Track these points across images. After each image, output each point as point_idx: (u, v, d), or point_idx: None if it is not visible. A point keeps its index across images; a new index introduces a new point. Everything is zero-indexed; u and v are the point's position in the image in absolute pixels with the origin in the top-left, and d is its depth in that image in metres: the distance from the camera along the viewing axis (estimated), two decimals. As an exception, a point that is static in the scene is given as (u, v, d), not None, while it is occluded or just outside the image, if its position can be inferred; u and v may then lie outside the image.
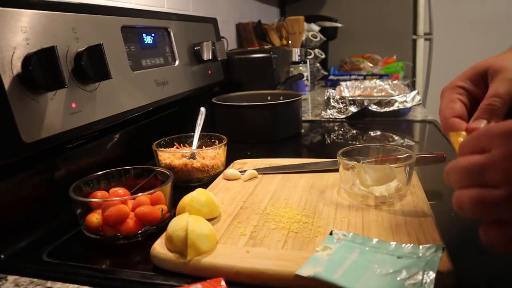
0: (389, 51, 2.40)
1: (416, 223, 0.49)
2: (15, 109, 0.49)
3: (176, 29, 0.93)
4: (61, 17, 0.60)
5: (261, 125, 1.00)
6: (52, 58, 0.52)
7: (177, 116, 0.98)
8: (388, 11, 2.59)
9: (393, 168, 0.56)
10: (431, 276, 0.37)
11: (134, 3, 0.99)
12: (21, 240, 0.53)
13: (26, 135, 0.51)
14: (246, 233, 0.49)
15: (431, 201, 0.56)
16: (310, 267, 0.40)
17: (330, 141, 1.05)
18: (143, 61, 0.80)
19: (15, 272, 0.47)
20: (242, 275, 0.42)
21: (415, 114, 1.25)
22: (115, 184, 0.61)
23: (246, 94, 1.14)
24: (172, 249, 0.45)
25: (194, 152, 0.74)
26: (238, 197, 0.61)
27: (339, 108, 1.23)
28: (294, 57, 1.66)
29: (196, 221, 0.46)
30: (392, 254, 0.42)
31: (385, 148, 0.65)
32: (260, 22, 1.77)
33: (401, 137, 1.03)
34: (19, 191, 0.54)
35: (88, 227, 0.52)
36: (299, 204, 0.57)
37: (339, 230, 0.47)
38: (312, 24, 2.12)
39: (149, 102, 0.78)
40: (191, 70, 0.98)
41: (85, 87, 0.62)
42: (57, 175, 0.60)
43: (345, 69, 2.21)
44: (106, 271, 0.47)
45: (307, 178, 0.67)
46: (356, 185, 0.58)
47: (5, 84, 0.49)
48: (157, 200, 0.55)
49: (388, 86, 1.43)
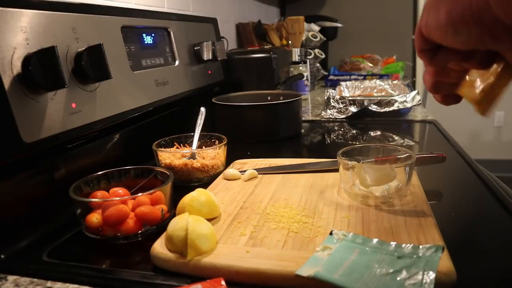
0: (389, 51, 2.40)
1: (416, 223, 0.49)
2: (15, 109, 0.49)
3: (176, 29, 0.93)
4: (61, 17, 0.60)
5: (261, 125, 1.00)
6: (52, 58, 0.52)
7: (177, 116, 0.98)
8: (388, 11, 2.60)
9: (393, 168, 0.56)
10: (431, 276, 0.37)
11: (134, 3, 0.99)
12: (21, 240, 0.53)
13: (26, 135, 0.50)
14: (246, 233, 0.49)
15: (431, 201, 0.56)
16: (310, 267, 0.40)
17: (330, 141, 1.05)
18: (143, 61, 0.80)
19: (15, 272, 0.47)
20: (242, 275, 0.42)
21: (415, 114, 1.25)
22: (115, 184, 0.61)
23: (246, 94, 1.14)
24: (172, 249, 0.45)
25: (194, 152, 0.74)
26: (238, 197, 0.61)
27: (339, 108, 1.23)
28: (294, 57, 1.66)
29: (196, 221, 0.46)
30: (392, 254, 0.42)
31: (385, 148, 0.65)
32: (260, 22, 1.77)
33: (401, 137, 1.03)
34: (19, 191, 0.54)
35: (88, 227, 0.52)
36: (299, 204, 0.57)
37: (339, 230, 0.47)
38: (312, 24, 2.12)
39: (149, 102, 0.78)
40: (191, 70, 0.98)
41: (85, 87, 0.62)
42: (57, 175, 0.60)
43: (345, 69, 2.21)
44: (106, 271, 0.47)
45: (307, 178, 0.67)
46: (356, 185, 0.58)
47: (5, 84, 0.49)
48: (157, 200, 0.55)
49: (388, 86, 1.43)
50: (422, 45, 0.37)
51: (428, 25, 0.35)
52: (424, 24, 0.35)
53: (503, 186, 0.73)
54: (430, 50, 0.37)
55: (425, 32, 0.36)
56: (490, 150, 3.47)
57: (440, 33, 0.34)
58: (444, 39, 0.34)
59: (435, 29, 0.34)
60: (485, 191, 0.64)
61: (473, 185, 0.67)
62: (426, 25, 0.35)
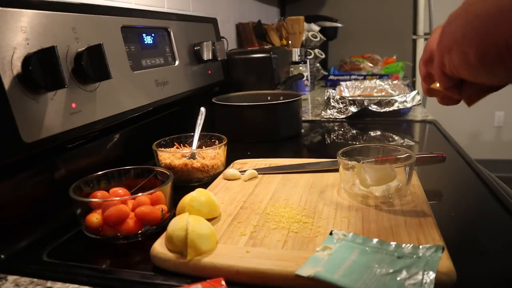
0: (389, 51, 2.40)
1: (416, 223, 0.49)
2: (15, 109, 0.49)
3: (176, 29, 0.93)
4: (61, 17, 0.60)
5: (261, 125, 1.00)
6: (52, 58, 0.52)
7: (177, 116, 0.98)
8: (388, 11, 2.60)
9: (393, 168, 0.56)
10: (431, 276, 0.37)
11: (134, 3, 0.99)
12: (21, 240, 0.53)
13: (26, 135, 0.50)
14: (246, 233, 0.49)
15: (431, 201, 0.56)
16: (310, 267, 0.40)
17: (330, 141, 1.05)
18: (143, 61, 0.80)
19: (15, 272, 0.47)
20: (242, 275, 0.42)
21: (415, 114, 1.25)
22: (115, 184, 0.61)
23: (246, 94, 1.14)
24: (172, 249, 0.45)
25: (194, 152, 0.74)
26: (238, 197, 0.61)
27: (339, 108, 1.23)
28: (294, 57, 1.66)
29: (196, 221, 0.46)
30: (392, 254, 0.42)
31: (385, 148, 0.65)
32: (260, 22, 1.77)
33: (401, 137, 1.03)
34: (19, 191, 0.54)
35: (88, 227, 0.52)
36: (299, 204, 0.57)
37: (339, 230, 0.47)
38: (312, 24, 2.12)
39: (149, 102, 0.78)
40: (191, 70, 0.98)
41: (85, 87, 0.62)
42: (57, 175, 0.60)
43: (345, 69, 2.21)
44: (106, 271, 0.47)
45: (307, 178, 0.67)
46: (356, 185, 0.58)
47: (5, 84, 0.49)
48: (157, 200, 0.55)
49: (388, 86, 1.43)
50: (449, 84, 0.37)
51: (455, 67, 0.34)
52: (449, 66, 0.35)
53: (503, 186, 0.73)
54: (456, 86, 0.37)
55: (452, 72, 0.35)
56: (490, 150, 3.47)
57: (473, 74, 0.33)
58: (477, 79, 0.33)
59: (466, 71, 0.33)
60: (485, 191, 0.64)
61: (473, 185, 0.67)
62: (453, 67, 0.34)
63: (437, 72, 0.38)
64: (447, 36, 0.34)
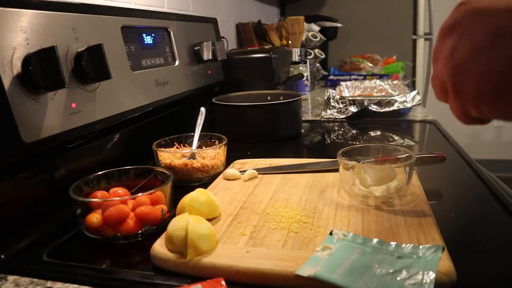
0: (389, 51, 2.40)
1: (416, 223, 0.49)
2: (15, 109, 0.49)
3: (176, 29, 0.93)
4: (61, 17, 0.60)
5: (261, 125, 1.00)
6: (52, 58, 0.52)
7: (177, 116, 0.98)
8: (388, 11, 2.60)
9: (393, 168, 0.56)
10: (431, 276, 0.37)
11: (134, 3, 0.99)
12: (21, 240, 0.53)
13: (26, 135, 0.50)
14: (246, 233, 0.49)
15: (431, 201, 0.56)
16: (310, 267, 0.40)
17: (330, 141, 1.05)
18: (143, 61, 0.80)
19: (15, 272, 0.47)
20: (242, 275, 0.42)
21: (415, 114, 1.25)
22: (115, 184, 0.61)
23: (246, 94, 1.14)
24: (172, 249, 0.45)
25: (194, 152, 0.74)
26: (238, 197, 0.61)
27: (339, 108, 1.23)
28: (294, 57, 1.66)
29: (196, 221, 0.46)
30: (392, 254, 0.42)
31: (385, 148, 0.65)
32: (260, 22, 1.77)
33: (401, 137, 1.03)
34: (19, 191, 0.54)
35: (88, 227, 0.52)
36: (299, 204, 0.57)
37: (339, 230, 0.47)
38: (312, 24, 2.12)
39: (149, 102, 0.78)
40: (191, 70, 0.98)
41: (85, 87, 0.62)
42: (57, 175, 0.60)
43: (345, 69, 2.21)
44: (106, 271, 0.47)
45: (307, 178, 0.67)
46: (356, 185, 0.58)
47: (5, 84, 0.49)
48: (157, 200, 0.55)
49: (388, 86, 1.43)
50: (472, 122, 0.38)
51: (486, 115, 0.35)
52: (477, 114, 0.35)
53: (503, 186, 0.73)
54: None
55: (479, 116, 0.36)
56: (490, 150, 3.47)
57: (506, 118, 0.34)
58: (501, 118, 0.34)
59: (499, 117, 0.34)
60: (485, 191, 0.64)
61: (473, 185, 0.67)
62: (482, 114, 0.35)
63: (459, 116, 0.38)
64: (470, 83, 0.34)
